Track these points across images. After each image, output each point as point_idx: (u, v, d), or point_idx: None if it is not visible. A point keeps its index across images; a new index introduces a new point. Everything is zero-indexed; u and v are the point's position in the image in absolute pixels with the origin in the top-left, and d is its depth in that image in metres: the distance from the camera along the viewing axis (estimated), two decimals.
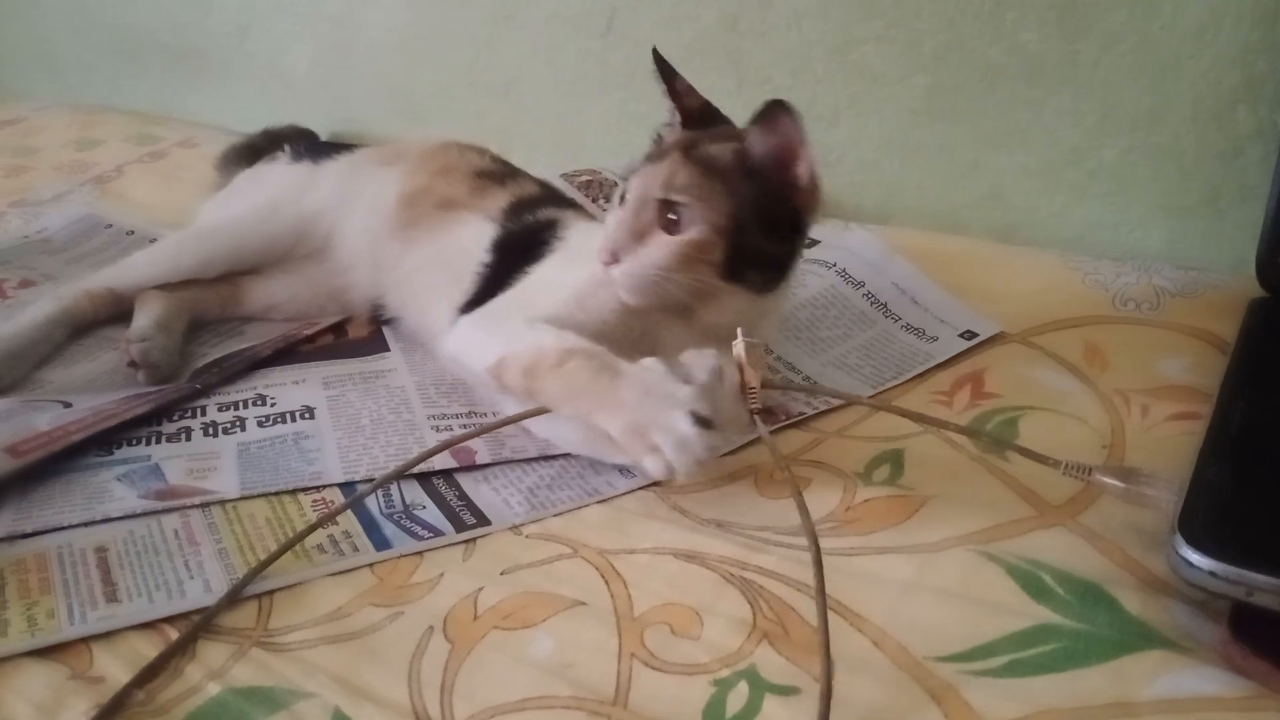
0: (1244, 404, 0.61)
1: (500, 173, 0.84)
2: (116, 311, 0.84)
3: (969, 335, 0.77)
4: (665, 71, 0.71)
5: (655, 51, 0.71)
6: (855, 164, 1.00)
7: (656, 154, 0.67)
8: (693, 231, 0.63)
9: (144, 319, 0.80)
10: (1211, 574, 0.47)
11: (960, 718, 0.46)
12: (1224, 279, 0.80)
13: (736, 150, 0.65)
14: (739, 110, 1.02)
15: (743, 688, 0.49)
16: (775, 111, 0.63)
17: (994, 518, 0.58)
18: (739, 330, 0.60)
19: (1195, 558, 0.48)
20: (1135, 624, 0.50)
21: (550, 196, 0.84)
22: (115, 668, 0.51)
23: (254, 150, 1.07)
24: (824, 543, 0.56)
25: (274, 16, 1.35)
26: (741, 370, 0.59)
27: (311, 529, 0.60)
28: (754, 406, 0.59)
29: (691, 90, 0.72)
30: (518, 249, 0.75)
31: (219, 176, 1.06)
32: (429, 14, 1.21)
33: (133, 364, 0.76)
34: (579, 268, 0.68)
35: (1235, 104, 0.82)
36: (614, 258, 0.63)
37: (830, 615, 0.52)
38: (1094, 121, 0.88)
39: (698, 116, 0.70)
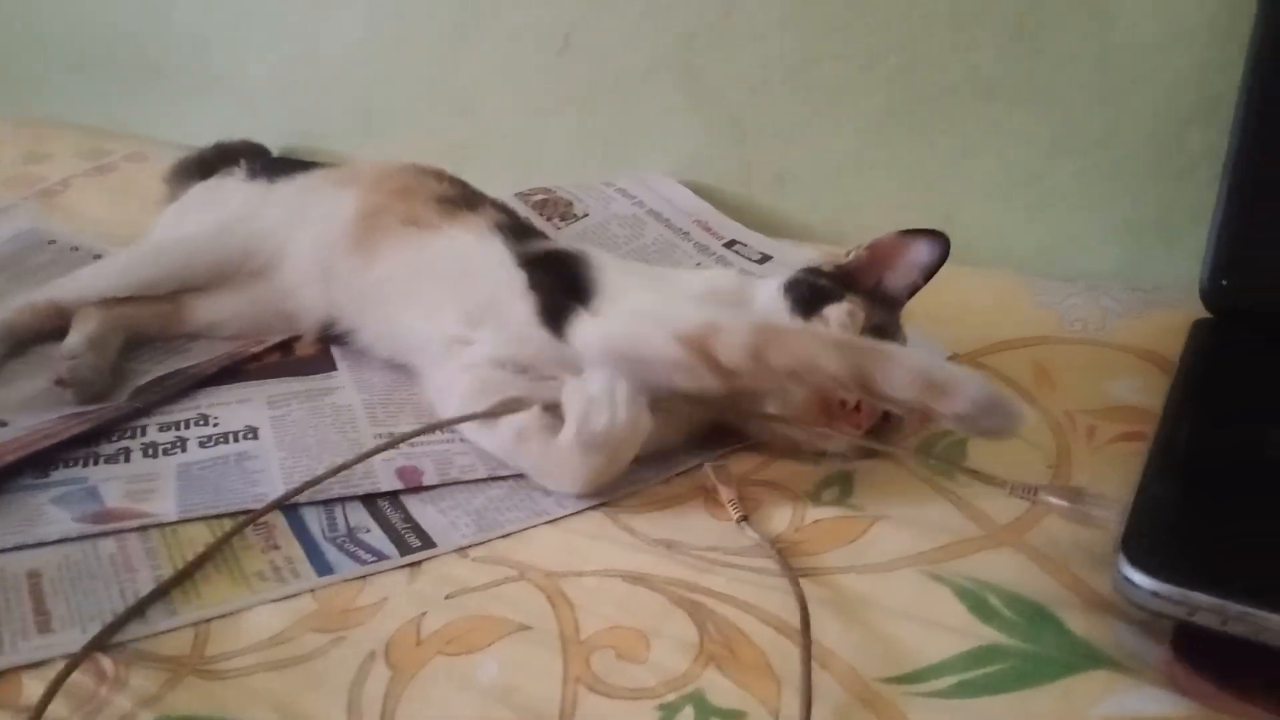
0: (1187, 424, 0.61)
1: (463, 197, 0.83)
2: (60, 326, 0.82)
3: None
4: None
5: (942, 241, 0.71)
6: (812, 182, 1.00)
7: None
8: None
9: (76, 336, 0.78)
10: (1154, 594, 0.47)
11: None
12: (1173, 299, 0.81)
13: None
14: (697, 125, 1.03)
15: (689, 712, 0.48)
16: None
17: (942, 538, 0.58)
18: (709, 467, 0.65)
19: (1138, 578, 0.48)
20: (1081, 644, 0.50)
21: (524, 225, 0.84)
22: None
23: (205, 165, 1.06)
24: (774, 563, 0.57)
25: (233, 30, 1.33)
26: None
27: (224, 539, 0.59)
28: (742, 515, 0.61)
29: None
30: (553, 271, 0.73)
31: (169, 191, 1.04)
32: (387, 30, 1.20)
33: (61, 381, 0.74)
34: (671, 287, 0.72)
35: (1187, 125, 0.83)
36: None
37: (777, 636, 0.52)
38: (1048, 142, 0.89)
39: None
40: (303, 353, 0.83)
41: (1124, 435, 0.68)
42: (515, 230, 0.79)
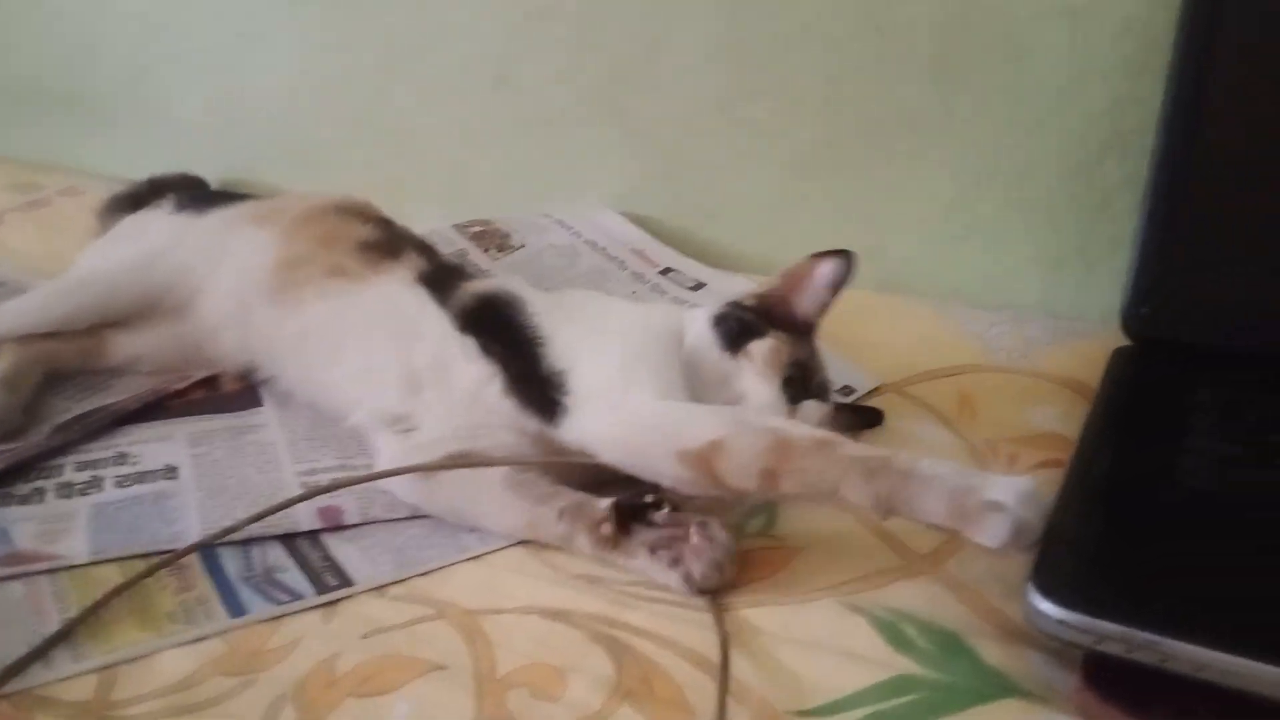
0: (1102, 453, 0.62)
1: (386, 241, 0.81)
2: None
3: (847, 390, 0.78)
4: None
5: (853, 257, 0.72)
6: (742, 215, 1.01)
7: (821, 390, 0.71)
8: None
9: None
10: (1061, 623, 0.48)
11: None
12: (1093, 328, 0.82)
13: None
14: (629, 160, 1.04)
15: None
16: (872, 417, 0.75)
17: (862, 568, 0.59)
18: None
19: (1046, 607, 0.48)
20: (993, 674, 0.51)
21: (446, 267, 0.82)
22: None
23: (139, 199, 1.04)
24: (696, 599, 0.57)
25: (166, 63, 1.32)
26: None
27: (133, 581, 0.58)
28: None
29: None
30: (491, 327, 0.72)
31: (101, 225, 1.02)
32: (321, 63, 1.20)
33: None
34: (622, 331, 0.70)
35: (1104, 157, 0.85)
36: None
37: (693, 670, 0.52)
38: (971, 175, 0.90)
39: None
40: (229, 388, 0.82)
41: (1044, 463, 0.69)
42: (440, 276, 0.77)
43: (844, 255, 0.71)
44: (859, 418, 0.74)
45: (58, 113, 1.42)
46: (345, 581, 0.59)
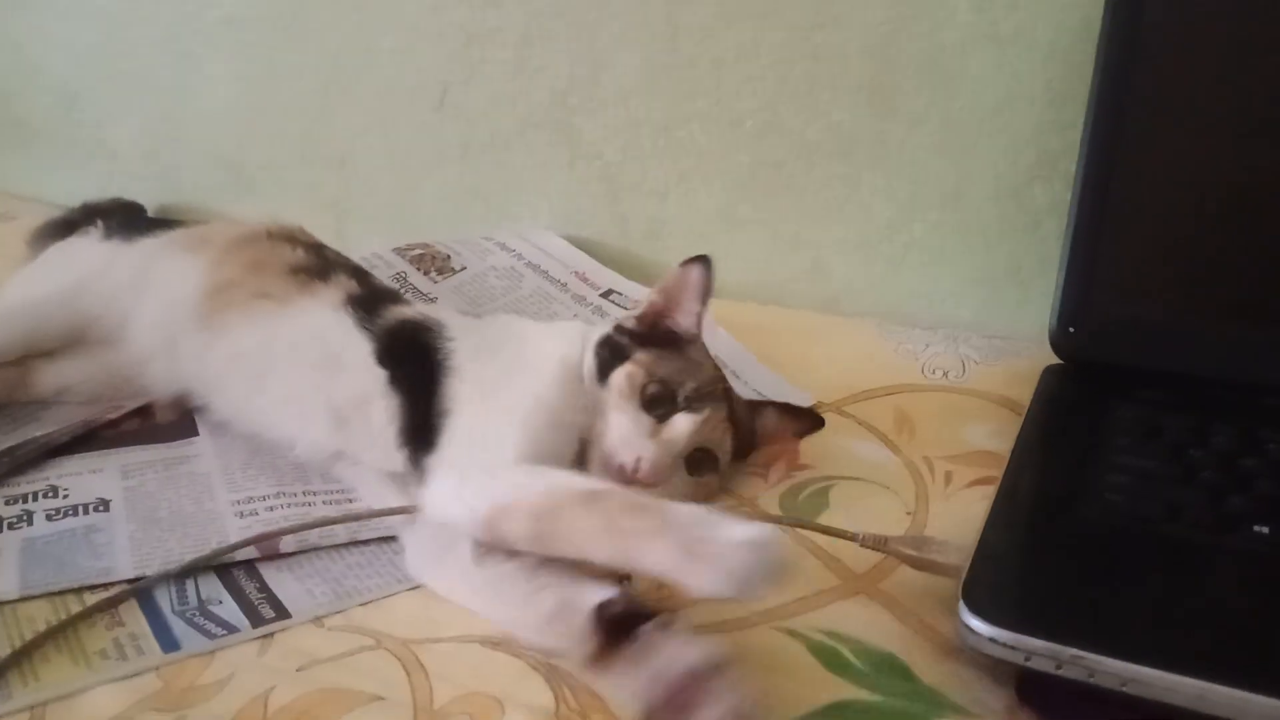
0: (1030, 470, 0.64)
1: (316, 265, 0.80)
2: None
3: None
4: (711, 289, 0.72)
5: (708, 261, 0.71)
6: (684, 237, 1.02)
7: (709, 393, 0.69)
8: (708, 478, 0.69)
9: None
10: (992, 640, 0.49)
11: None
12: (1027, 347, 0.84)
13: (752, 410, 0.74)
14: (573, 182, 1.04)
15: None
16: (806, 422, 0.75)
17: (800, 590, 0.59)
18: None
19: (976, 624, 0.49)
20: (928, 692, 0.52)
21: (377, 291, 0.81)
22: None
23: (71, 226, 1.02)
24: None
25: (102, 86, 1.31)
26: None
27: (67, 623, 0.57)
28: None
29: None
30: (407, 357, 0.71)
31: (33, 253, 1.00)
32: (260, 86, 1.19)
33: None
34: (520, 377, 0.69)
35: (1032, 180, 0.87)
36: (658, 480, 0.64)
37: None
38: (905, 197, 0.92)
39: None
40: (163, 419, 0.80)
41: (978, 480, 0.70)
42: (370, 300, 0.76)
43: (704, 259, 0.71)
44: (801, 421, 0.74)
45: None
46: (282, 613, 0.59)
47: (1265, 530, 0.56)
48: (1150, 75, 0.73)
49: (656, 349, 0.70)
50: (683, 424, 0.66)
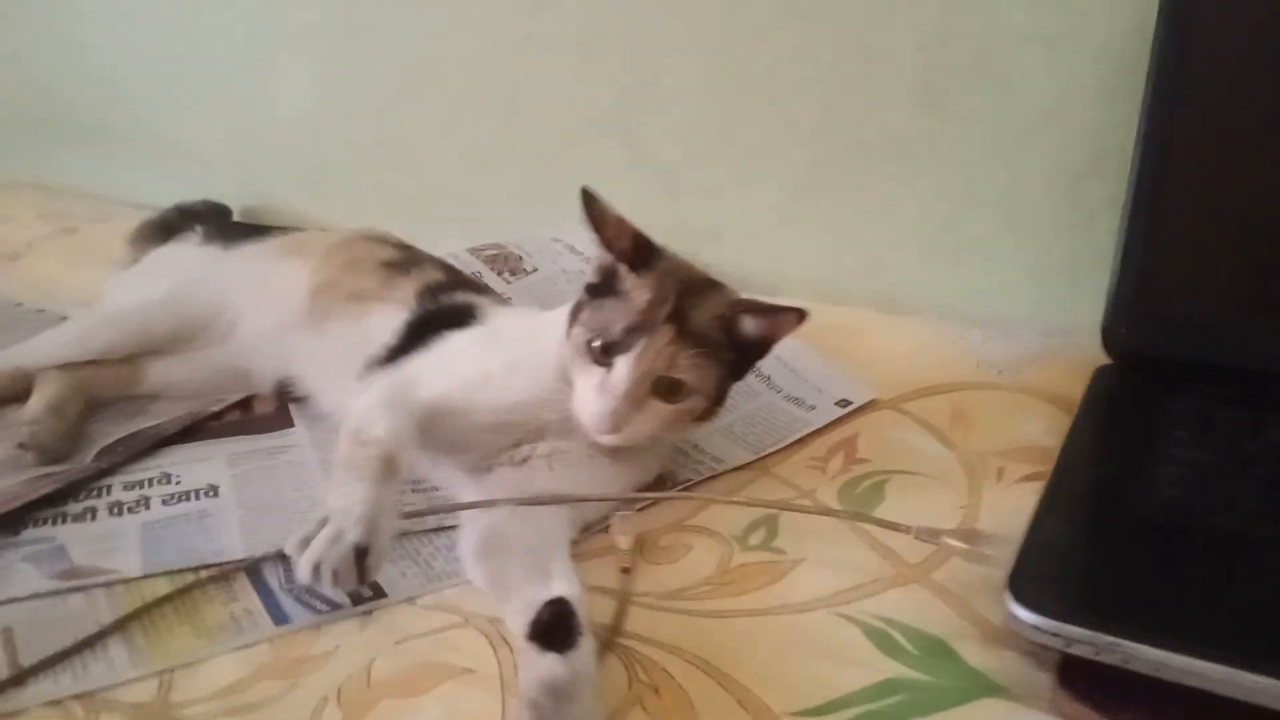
0: (1082, 464, 0.66)
1: (404, 261, 0.87)
2: (24, 390, 0.85)
3: (844, 403, 0.83)
4: (596, 219, 0.70)
5: (585, 193, 0.69)
6: (741, 236, 1.05)
7: (641, 324, 0.67)
8: (690, 401, 0.69)
9: (37, 401, 0.82)
10: (1035, 628, 0.52)
11: None
12: (1082, 343, 0.85)
13: (725, 321, 0.70)
14: (635, 183, 1.08)
15: None
16: (789, 317, 0.70)
17: (856, 578, 0.63)
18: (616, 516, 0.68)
19: (1021, 613, 0.53)
20: (976, 675, 0.55)
21: (457, 281, 0.88)
22: None
23: (167, 227, 1.09)
24: (702, 605, 0.62)
25: (188, 95, 1.38)
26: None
27: (183, 590, 0.64)
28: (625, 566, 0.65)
29: (622, 226, 0.71)
30: (431, 326, 0.78)
31: (131, 253, 1.07)
32: (336, 91, 1.25)
33: (22, 445, 0.77)
34: (493, 353, 0.74)
35: (1087, 177, 0.88)
36: (615, 429, 0.67)
37: (700, 675, 0.56)
38: (960, 195, 0.94)
39: (637, 253, 0.71)
40: (261, 410, 0.87)
41: (1029, 476, 0.72)
42: (444, 286, 0.83)
43: (582, 192, 0.70)
44: (782, 317, 0.71)
45: (85, 143, 1.48)
46: (379, 593, 0.64)
47: None
48: (1203, 73, 0.74)
49: (600, 299, 0.70)
50: (619, 367, 0.67)
